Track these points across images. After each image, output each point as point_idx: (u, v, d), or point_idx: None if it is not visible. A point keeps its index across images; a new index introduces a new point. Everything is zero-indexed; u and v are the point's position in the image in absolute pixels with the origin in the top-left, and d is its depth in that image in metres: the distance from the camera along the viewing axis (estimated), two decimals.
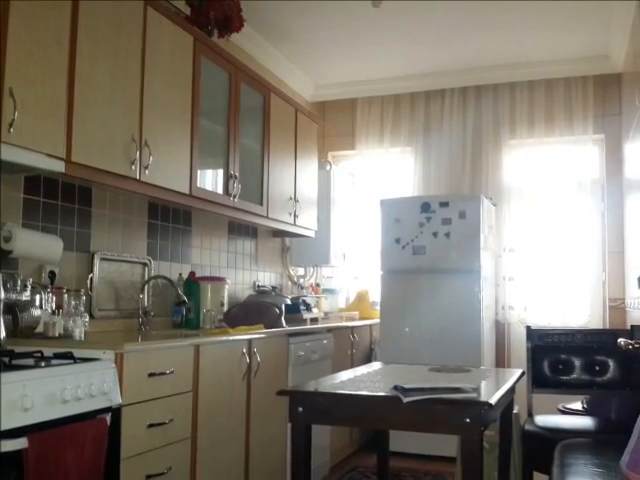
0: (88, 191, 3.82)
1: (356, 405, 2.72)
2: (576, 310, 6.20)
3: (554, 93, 6.36)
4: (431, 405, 2.51)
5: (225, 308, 4.71)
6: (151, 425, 3.05)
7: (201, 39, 4.22)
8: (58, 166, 3.00)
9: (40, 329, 3.18)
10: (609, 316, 6.07)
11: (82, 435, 2.49)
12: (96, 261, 3.88)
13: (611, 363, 4.32)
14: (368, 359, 6.00)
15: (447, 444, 4.73)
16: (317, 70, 6.74)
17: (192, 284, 4.57)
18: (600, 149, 6.34)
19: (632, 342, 1.92)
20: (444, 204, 5.70)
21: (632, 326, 4.42)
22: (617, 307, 5.99)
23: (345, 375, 3.29)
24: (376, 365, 3.82)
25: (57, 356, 2.73)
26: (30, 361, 2.60)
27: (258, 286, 5.72)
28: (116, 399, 2.76)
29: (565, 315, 6.17)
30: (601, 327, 6.01)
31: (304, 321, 5.48)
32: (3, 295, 2.93)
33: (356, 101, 7.08)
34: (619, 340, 3.39)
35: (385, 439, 3.79)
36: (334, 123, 7.14)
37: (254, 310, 4.73)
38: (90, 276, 3.83)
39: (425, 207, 5.72)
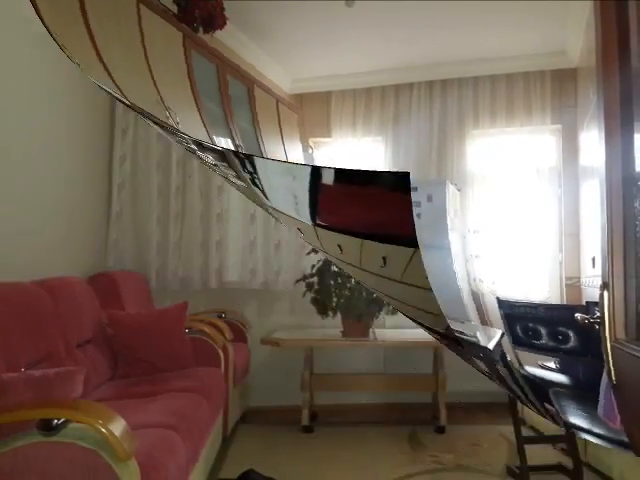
0: None
1: None
2: (535, 288, 6.28)
3: (514, 86, 6.41)
4: None
5: None
6: None
7: (189, 35, 4.22)
8: None
9: None
10: (566, 293, 6.14)
11: None
12: None
13: (572, 334, 4.38)
14: None
15: None
16: (294, 65, 6.71)
17: None
18: (557, 138, 6.41)
19: (587, 317, 2.03)
20: (413, 189, 5.70)
21: (587, 302, 4.49)
22: (573, 285, 6.06)
23: None
24: None
25: None
26: None
27: None
28: None
29: (526, 291, 6.24)
30: (559, 302, 6.07)
31: None
32: None
33: (330, 94, 7.04)
34: (576, 315, 3.47)
35: None
36: (311, 113, 7.12)
37: None
38: None
39: None
